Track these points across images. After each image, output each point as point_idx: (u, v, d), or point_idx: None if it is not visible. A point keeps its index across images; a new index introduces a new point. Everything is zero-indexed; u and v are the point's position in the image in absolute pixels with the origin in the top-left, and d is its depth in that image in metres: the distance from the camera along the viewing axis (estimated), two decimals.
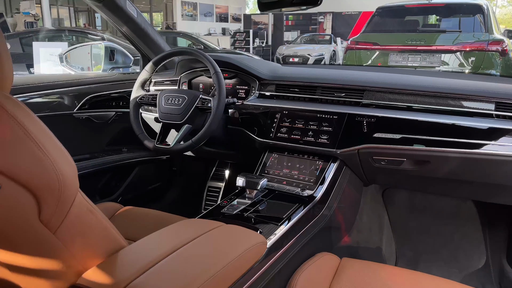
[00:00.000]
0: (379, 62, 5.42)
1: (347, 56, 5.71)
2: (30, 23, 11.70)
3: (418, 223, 1.94)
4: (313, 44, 13.78)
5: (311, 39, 14.65)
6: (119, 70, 2.17)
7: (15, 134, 0.72)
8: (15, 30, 10.57)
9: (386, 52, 5.37)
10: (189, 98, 1.59)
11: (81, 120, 1.87)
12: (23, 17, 11.87)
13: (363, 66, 4.71)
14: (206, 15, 18.28)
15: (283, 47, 13.43)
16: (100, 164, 1.91)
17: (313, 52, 12.62)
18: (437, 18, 6.21)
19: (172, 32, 13.33)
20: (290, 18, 20.09)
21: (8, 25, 11.40)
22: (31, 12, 11.97)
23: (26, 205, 0.74)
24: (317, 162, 1.56)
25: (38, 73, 2.92)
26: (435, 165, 1.44)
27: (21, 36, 6.68)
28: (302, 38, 14.91)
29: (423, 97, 1.45)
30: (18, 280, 0.86)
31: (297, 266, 1.26)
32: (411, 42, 5.23)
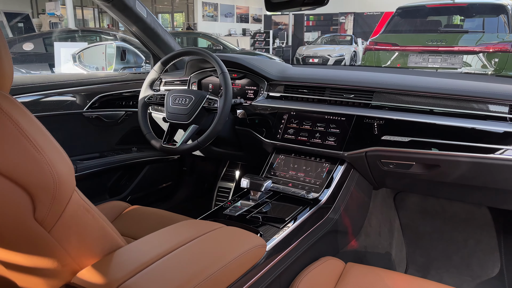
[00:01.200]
0: (398, 63, 5.32)
1: (366, 57, 5.62)
2: (55, 23, 11.99)
3: (431, 228, 1.88)
4: (334, 45, 13.68)
5: (332, 39, 14.54)
6: (131, 69, 2.19)
7: (9, 133, 0.73)
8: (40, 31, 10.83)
9: (405, 53, 5.27)
10: (196, 98, 1.58)
11: (91, 119, 1.89)
12: (48, 17, 12.17)
13: (374, 67, 4.63)
14: (226, 16, 18.36)
15: (303, 48, 13.37)
16: (110, 163, 1.93)
17: (333, 53, 12.53)
18: (461, 18, 6.07)
19: (192, 32, 13.44)
20: (311, 19, 20.01)
21: (33, 26, 11.72)
22: (56, 13, 12.26)
23: (20, 203, 0.75)
24: (324, 165, 1.54)
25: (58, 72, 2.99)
26: (445, 169, 1.39)
27: (44, 36, 6.84)
28: (322, 38, 14.82)
29: (433, 99, 1.41)
30: (13, 277, 0.87)
31: (300, 270, 1.23)
32: (432, 42, 5.11)
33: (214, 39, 10.75)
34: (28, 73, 5.11)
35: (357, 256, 1.68)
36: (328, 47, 13.23)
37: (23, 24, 11.15)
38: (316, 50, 12.86)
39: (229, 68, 1.79)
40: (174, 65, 2.09)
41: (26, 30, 10.95)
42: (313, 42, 15.02)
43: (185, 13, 19.96)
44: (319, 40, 14.82)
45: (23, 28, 11.09)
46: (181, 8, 20.21)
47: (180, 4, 19.90)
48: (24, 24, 11.18)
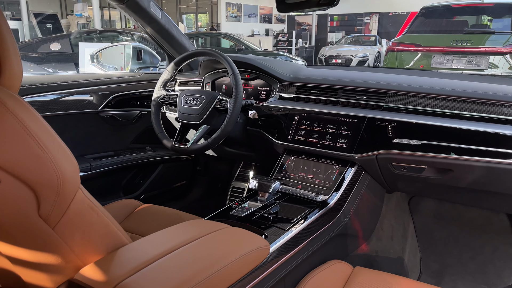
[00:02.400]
0: (421, 64, 5.22)
1: (388, 58, 5.53)
2: (82, 24, 12.28)
3: (446, 233, 1.84)
4: (357, 45, 13.52)
5: (356, 40, 14.38)
6: (147, 70, 2.22)
7: (14, 131, 0.75)
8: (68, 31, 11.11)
9: (429, 54, 5.16)
10: (207, 98, 1.59)
11: (106, 118, 1.93)
12: (76, 18, 12.48)
13: (389, 68, 4.54)
14: (250, 16, 18.41)
15: (326, 48, 13.27)
16: (124, 162, 1.96)
17: (356, 53, 12.39)
18: (489, 18, 5.90)
19: (215, 33, 13.54)
20: (335, 19, 19.83)
21: (62, 26, 12.03)
22: (83, 14, 12.55)
23: (25, 199, 0.77)
24: (334, 167, 1.52)
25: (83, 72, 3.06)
26: (458, 174, 1.36)
27: (75, 36, 7.02)
28: (346, 39, 14.67)
29: (447, 102, 1.37)
30: (18, 271, 0.90)
31: (306, 273, 1.23)
32: (457, 43, 4.98)
33: (236, 39, 10.81)
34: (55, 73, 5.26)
35: (368, 260, 1.66)
36: (352, 48, 13.09)
37: (51, 24, 11.45)
38: (339, 51, 12.74)
39: (242, 69, 1.80)
40: (189, 66, 2.11)
41: (54, 31, 11.25)
42: (337, 42, 14.89)
43: (209, 14, 20.12)
44: (343, 40, 14.68)
45: (51, 29, 11.40)
46: (205, 9, 20.38)
47: (204, 5, 20.07)
48: (52, 24, 11.49)
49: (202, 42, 11.82)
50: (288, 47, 14.90)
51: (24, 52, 6.99)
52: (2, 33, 0.78)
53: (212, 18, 19.53)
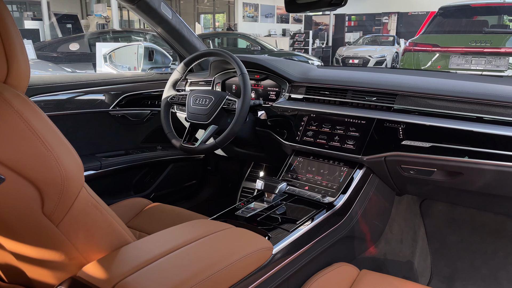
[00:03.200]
0: (439, 65, 5.13)
1: (405, 58, 5.46)
2: (101, 25, 12.47)
3: (458, 238, 1.80)
4: (375, 46, 13.38)
5: (373, 40, 14.23)
6: (160, 70, 2.24)
7: (19, 130, 0.76)
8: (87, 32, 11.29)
9: (446, 55, 5.07)
10: (216, 98, 1.60)
11: (117, 117, 1.95)
12: (95, 19, 12.68)
13: (400, 69, 4.48)
14: (267, 16, 18.40)
15: (343, 48, 13.17)
16: (135, 160, 1.98)
17: (374, 54, 12.26)
18: (510, 18, 5.76)
19: (231, 33, 13.58)
20: (353, 19, 19.67)
21: (82, 27, 12.24)
22: (102, 15, 12.75)
23: (29, 197, 0.78)
24: (342, 168, 1.51)
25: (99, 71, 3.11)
26: (468, 177, 1.33)
27: (89, 37, 7.14)
28: (364, 39, 14.53)
29: (458, 103, 1.34)
30: (23, 267, 0.91)
31: (311, 275, 1.22)
32: (476, 44, 4.88)
33: (252, 39, 10.82)
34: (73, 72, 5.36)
35: (376, 263, 1.64)
36: (369, 48, 12.96)
37: (71, 25, 11.66)
38: (356, 51, 12.63)
39: (252, 69, 1.80)
40: (200, 66, 2.12)
41: (74, 31, 11.46)
42: (354, 42, 14.76)
43: (226, 14, 20.19)
44: (361, 40, 14.54)
45: (71, 29, 11.61)
46: (223, 9, 20.46)
47: (222, 5, 20.16)
48: (72, 25, 11.70)
49: (218, 42, 11.87)
50: (305, 47, 14.83)
51: (44, 52, 7.14)
52: (10, 34, 0.79)
53: (229, 18, 19.60)
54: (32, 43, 6.46)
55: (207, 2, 20.34)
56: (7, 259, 0.95)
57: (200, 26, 14.33)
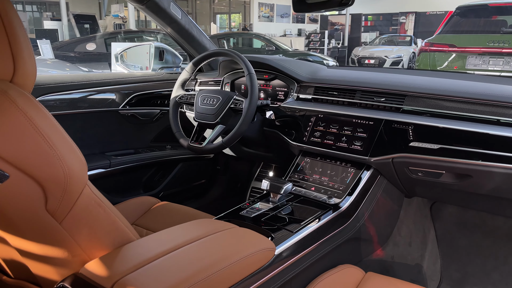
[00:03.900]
0: (456, 65, 5.05)
1: (420, 59, 5.38)
2: (118, 25, 12.63)
3: (469, 241, 1.77)
4: (392, 46, 13.22)
5: (390, 40, 14.07)
6: (171, 69, 2.25)
7: (23, 128, 0.78)
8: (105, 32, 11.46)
9: (463, 55, 4.98)
10: (223, 98, 1.60)
11: (127, 116, 1.97)
12: (112, 19, 12.85)
13: (412, 69, 4.42)
14: (282, 16, 18.38)
15: (359, 48, 13.06)
16: (144, 159, 2.00)
17: (390, 54, 12.12)
18: None
19: (246, 33, 13.60)
20: (369, 19, 19.51)
21: (99, 27, 12.42)
22: (119, 15, 12.91)
23: (33, 194, 0.79)
24: (349, 170, 1.49)
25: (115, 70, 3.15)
26: (477, 180, 1.30)
27: (106, 37, 7.24)
28: (380, 39, 14.38)
29: (469, 105, 1.32)
30: (27, 263, 0.93)
31: (315, 276, 1.21)
32: (494, 44, 4.78)
33: (267, 39, 10.82)
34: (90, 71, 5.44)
35: (383, 266, 1.62)
36: (386, 48, 12.81)
37: (89, 25, 11.85)
38: (372, 51, 12.51)
39: (261, 69, 1.80)
40: (209, 66, 2.13)
41: (92, 31, 11.64)
42: (370, 42, 14.62)
43: (242, 14, 20.23)
44: (377, 40, 14.40)
45: (89, 29, 11.80)
46: (238, 9, 20.51)
47: (238, 5, 20.20)
48: (90, 25, 11.89)
49: (234, 42, 11.90)
50: (320, 47, 14.75)
51: (62, 52, 7.27)
52: (16, 34, 0.81)
53: (245, 18, 19.63)
54: (50, 43, 6.58)
55: (223, 2, 20.41)
56: (12, 255, 0.97)
57: (215, 26, 14.39)
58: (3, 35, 0.79)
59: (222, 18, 21.19)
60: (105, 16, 15.48)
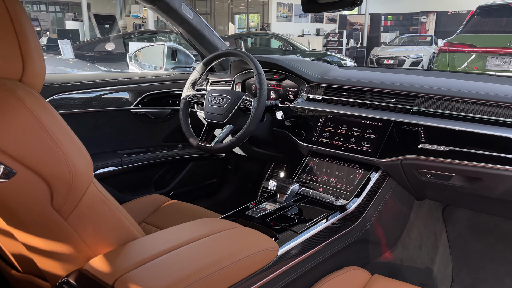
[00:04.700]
0: (476, 66, 4.94)
1: (439, 59, 5.28)
2: (138, 25, 12.79)
3: (481, 246, 1.73)
4: (412, 46, 13.02)
5: (410, 40, 13.85)
6: (184, 69, 2.27)
7: (30, 127, 0.80)
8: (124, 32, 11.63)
9: (484, 55, 4.87)
10: (232, 98, 1.61)
11: (138, 115, 2.00)
12: (132, 19, 13.02)
13: (424, 70, 4.33)
14: (301, 16, 18.31)
15: (378, 49, 12.90)
16: (155, 158, 2.02)
17: (410, 54, 11.93)
18: None
19: (264, 33, 13.60)
20: (389, 19, 19.27)
21: (119, 27, 12.61)
22: (139, 15, 13.07)
23: (39, 191, 0.81)
24: (357, 171, 1.48)
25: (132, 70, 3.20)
26: (488, 183, 1.28)
27: (124, 37, 7.35)
28: (400, 39, 14.18)
29: (481, 106, 1.29)
30: (34, 258, 0.96)
31: (320, 278, 1.20)
32: None
33: (284, 39, 10.80)
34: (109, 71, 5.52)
35: (391, 269, 1.60)
36: (405, 48, 12.62)
37: (109, 25, 12.04)
38: (391, 51, 12.34)
39: (271, 70, 1.80)
40: (221, 66, 2.14)
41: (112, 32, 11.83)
42: (390, 42, 14.43)
43: (260, 14, 20.23)
44: (397, 40, 14.20)
45: (109, 30, 11.99)
46: (257, 9, 20.52)
47: (256, 5, 20.22)
48: (110, 25, 12.08)
49: (252, 42, 11.92)
50: (339, 47, 14.63)
51: (82, 52, 7.41)
52: (26, 35, 0.83)
53: (263, 18, 19.63)
54: (71, 43, 6.71)
55: (242, 2, 20.46)
56: (20, 250, 0.99)
57: (233, 26, 14.43)
58: (13, 35, 0.81)
59: (240, 18, 21.25)
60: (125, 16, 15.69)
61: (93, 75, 1.92)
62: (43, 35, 12.33)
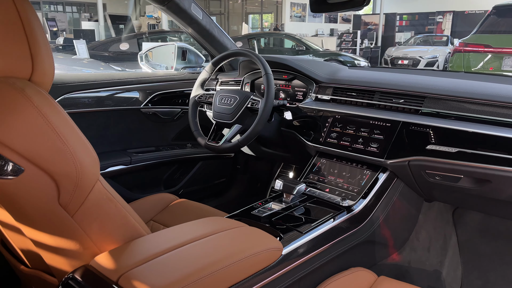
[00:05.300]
0: (491, 66, 4.86)
1: (454, 60, 5.21)
2: (152, 25, 12.92)
3: (492, 249, 1.71)
4: (427, 46, 12.86)
5: (425, 40, 13.68)
6: (194, 69, 2.29)
7: (38, 125, 0.81)
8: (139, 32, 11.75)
9: (500, 56, 4.79)
10: (240, 98, 1.62)
11: (148, 115, 2.02)
12: (146, 19, 13.16)
13: (435, 70, 4.27)
14: (314, 16, 18.24)
15: (393, 49, 12.77)
16: (165, 157, 2.04)
17: (425, 54, 11.78)
18: None
19: (277, 33, 13.59)
20: (404, 18, 19.07)
21: (134, 27, 12.75)
22: (153, 15, 13.20)
23: (46, 188, 0.83)
24: (364, 172, 1.47)
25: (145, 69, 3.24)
26: (497, 185, 1.26)
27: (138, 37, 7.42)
28: (415, 39, 14.01)
29: (490, 107, 1.27)
30: (41, 253, 0.98)
31: (325, 278, 1.20)
32: None
33: (297, 39, 10.77)
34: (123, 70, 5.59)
35: (399, 271, 1.59)
36: (421, 48, 12.46)
37: (123, 25, 12.18)
38: (406, 51, 12.19)
39: (280, 70, 1.80)
40: (231, 66, 2.15)
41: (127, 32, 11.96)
42: (405, 42, 14.28)
43: (274, 14, 20.22)
44: (411, 40, 14.04)
45: (123, 30, 12.13)
46: (271, 9, 20.51)
47: (270, 5, 20.21)
48: (125, 25, 12.22)
49: (265, 42, 11.92)
50: (353, 47, 14.54)
51: (97, 52, 7.51)
52: (35, 34, 0.85)
53: (277, 18, 19.62)
54: (86, 43, 6.81)
55: (255, 2, 20.47)
56: (28, 245, 1.01)
57: (247, 26, 14.47)
58: (22, 35, 0.83)
59: (254, 18, 21.26)
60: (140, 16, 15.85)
61: (103, 75, 1.95)
62: (60, 35, 12.53)
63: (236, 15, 20.95)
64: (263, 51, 10.66)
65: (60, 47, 9.10)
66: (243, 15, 20.62)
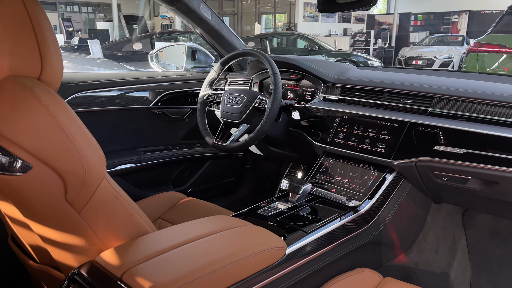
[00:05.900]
0: (506, 67, 4.78)
1: (468, 60, 5.14)
2: (166, 25, 13.01)
3: (502, 251, 1.68)
4: (442, 46, 12.69)
5: (440, 40, 13.52)
6: (203, 69, 2.31)
7: (46, 123, 0.83)
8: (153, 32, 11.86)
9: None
10: (248, 98, 1.62)
11: (158, 114, 2.04)
12: (160, 19, 13.26)
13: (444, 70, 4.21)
14: (328, 16, 18.15)
15: (407, 49, 12.64)
16: (174, 156, 2.06)
17: (440, 55, 11.63)
18: None
19: (290, 33, 13.57)
20: (419, 18, 18.87)
21: (147, 27, 12.86)
22: (167, 16, 13.29)
23: (53, 185, 0.85)
24: (371, 172, 1.47)
25: None
26: (505, 187, 1.24)
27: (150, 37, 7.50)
28: (430, 39, 13.84)
29: (500, 108, 1.26)
30: (49, 249, 1.00)
31: (329, 278, 1.20)
32: None
33: (310, 39, 10.75)
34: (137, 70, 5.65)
35: (405, 272, 1.57)
36: (435, 48, 12.31)
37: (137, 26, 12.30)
38: (420, 52, 12.06)
39: (288, 69, 1.81)
40: (240, 66, 2.16)
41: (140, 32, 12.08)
42: (419, 42, 14.12)
43: (287, 14, 20.18)
44: (427, 40, 13.87)
45: (137, 30, 12.24)
46: (284, 9, 20.48)
47: (283, 5, 20.18)
48: (138, 26, 12.34)
49: (277, 42, 11.92)
50: (366, 47, 14.43)
51: (111, 51, 7.60)
52: (45, 34, 0.87)
53: (290, 18, 19.58)
54: (100, 43, 6.90)
55: (269, 2, 20.46)
56: (37, 241, 1.04)
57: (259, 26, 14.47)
58: (32, 35, 0.85)
59: (267, 18, 21.25)
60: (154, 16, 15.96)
61: (114, 74, 1.98)
62: (75, 35, 12.71)
63: (249, 15, 20.97)
64: (275, 51, 10.65)
65: (75, 47, 9.23)
66: (256, 15, 20.62)
